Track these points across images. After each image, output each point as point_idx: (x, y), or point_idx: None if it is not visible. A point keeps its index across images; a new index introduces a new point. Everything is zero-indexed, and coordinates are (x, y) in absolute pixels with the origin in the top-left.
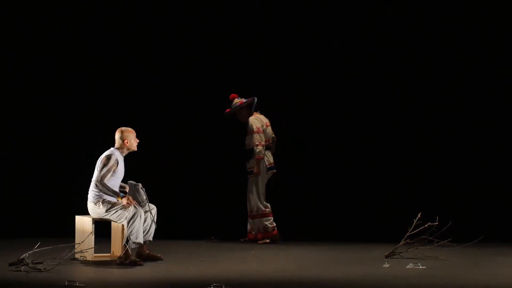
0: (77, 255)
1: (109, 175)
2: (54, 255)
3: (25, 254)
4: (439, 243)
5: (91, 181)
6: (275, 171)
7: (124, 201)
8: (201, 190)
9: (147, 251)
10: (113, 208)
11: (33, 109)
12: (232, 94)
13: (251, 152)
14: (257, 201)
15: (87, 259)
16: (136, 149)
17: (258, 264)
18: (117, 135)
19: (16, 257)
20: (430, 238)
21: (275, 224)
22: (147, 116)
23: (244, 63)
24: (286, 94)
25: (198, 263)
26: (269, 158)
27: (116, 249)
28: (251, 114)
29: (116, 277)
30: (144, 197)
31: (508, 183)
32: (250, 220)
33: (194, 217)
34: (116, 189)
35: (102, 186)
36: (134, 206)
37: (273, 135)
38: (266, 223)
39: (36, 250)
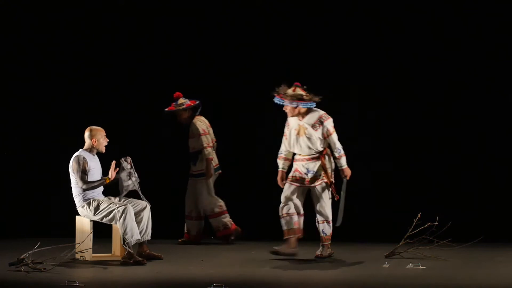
0: (77, 255)
1: (86, 176)
2: (54, 255)
3: (25, 254)
4: (439, 243)
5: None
6: (221, 171)
7: (113, 175)
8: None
9: (147, 251)
10: (99, 210)
11: (33, 109)
12: (177, 93)
13: (196, 154)
14: (211, 202)
15: (86, 259)
16: (104, 150)
17: (258, 264)
18: (86, 134)
19: (16, 257)
20: (430, 238)
21: (231, 220)
22: (147, 117)
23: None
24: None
25: (198, 263)
26: (215, 159)
27: (117, 249)
28: (193, 117)
29: (116, 277)
30: (129, 168)
31: (508, 183)
32: (188, 221)
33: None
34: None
35: (87, 186)
36: (120, 204)
37: (214, 137)
38: (225, 220)
39: (36, 250)
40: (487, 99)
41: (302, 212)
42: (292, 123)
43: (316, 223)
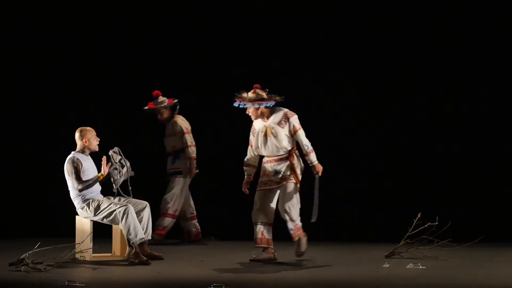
0: (77, 255)
1: (82, 176)
2: (54, 255)
3: (25, 254)
4: (439, 243)
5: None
6: (198, 171)
7: (105, 171)
8: (200, 190)
9: (148, 251)
10: (99, 210)
11: (33, 109)
12: (156, 91)
13: (177, 153)
14: (186, 203)
15: (86, 259)
16: (97, 149)
17: (257, 265)
18: (76, 135)
19: (16, 257)
20: (430, 238)
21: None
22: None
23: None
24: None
25: (198, 263)
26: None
27: (117, 249)
28: (173, 116)
29: (116, 277)
30: (119, 158)
31: (508, 183)
32: (184, 223)
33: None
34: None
35: (83, 186)
36: (121, 204)
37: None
38: (197, 224)
39: (36, 250)
40: (487, 99)
41: (271, 221)
42: (258, 126)
43: (286, 222)
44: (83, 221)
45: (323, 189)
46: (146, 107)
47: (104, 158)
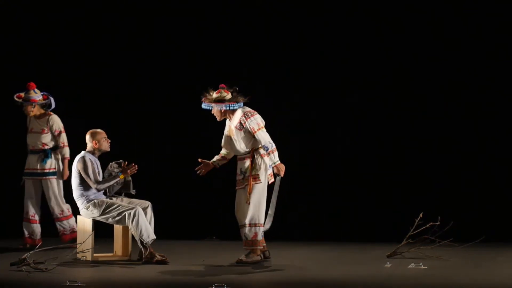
0: (78, 255)
1: (98, 173)
2: (55, 255)
3: (26, 254)
4: (440, 243)
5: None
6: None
7: (128, 173)
8: (201, 189)
9: (151, 251)
10: (106, 211)
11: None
12: (31, 83)
13: (46, 152)
14: (62, 203)
15: (88, 259)
16: (108, 149)
17: (258, 265)
18: (87, 138)
19: (17, 257)
20: (432, 238)
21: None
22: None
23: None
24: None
25: (199, 263)
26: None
27: (118, 248)
28: (45, 113)
29: (117, 277)
30: (116, 165)
31: (508, 183)
32: (32, 224)
33: (194, 217)
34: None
35: (101, 185)
36: (128, 206)
37: None
38: (72, 223)
39: (37, 250)
40: (487, 99)
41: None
42: (226, 126)
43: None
44: (85, 221)
45: (324, 189)
46: (16, 96)
47: (125, 162)
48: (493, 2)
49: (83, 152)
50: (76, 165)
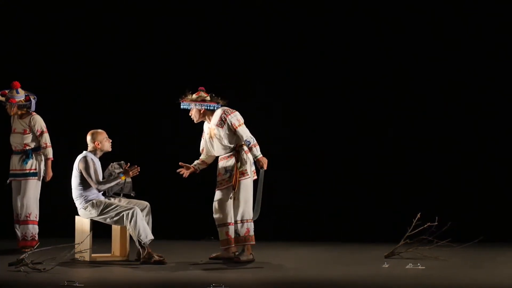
0: (76, 255)
1: (99, 174)
2: (53, 255)
3: (24, 254)
4: (438, 243)
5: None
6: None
7: (129, 174)
8: (200, 190)
9: (149, 251)
10: (105, 211)
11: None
12: (16, 82)
13: (28, 152)
14: (35, 206)
15: (86, 259)
16: (110, 149)
17: (258, 265)
18: (88, 138)
19: (15, 257)
20: (430, 238)
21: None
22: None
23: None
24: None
25: (197, 263)
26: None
27: (116, 249)
28: (28, 113)
29: (115, 277)
30: (117, 166)
31: (508, 183)
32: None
33: (194, 217)
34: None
35: (103, 185)
36: (127, 207)
37: None
38: (34, 230)
39: (35, 250)
40: (487, 99)
41: (231, 221)
42: (205, 128)
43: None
44: (83, 221)
45: (324, 189)
46: (2, 94)
47: (127, 164)
48: (493, 2)
49: (84, 152)
50: (77, 164)
